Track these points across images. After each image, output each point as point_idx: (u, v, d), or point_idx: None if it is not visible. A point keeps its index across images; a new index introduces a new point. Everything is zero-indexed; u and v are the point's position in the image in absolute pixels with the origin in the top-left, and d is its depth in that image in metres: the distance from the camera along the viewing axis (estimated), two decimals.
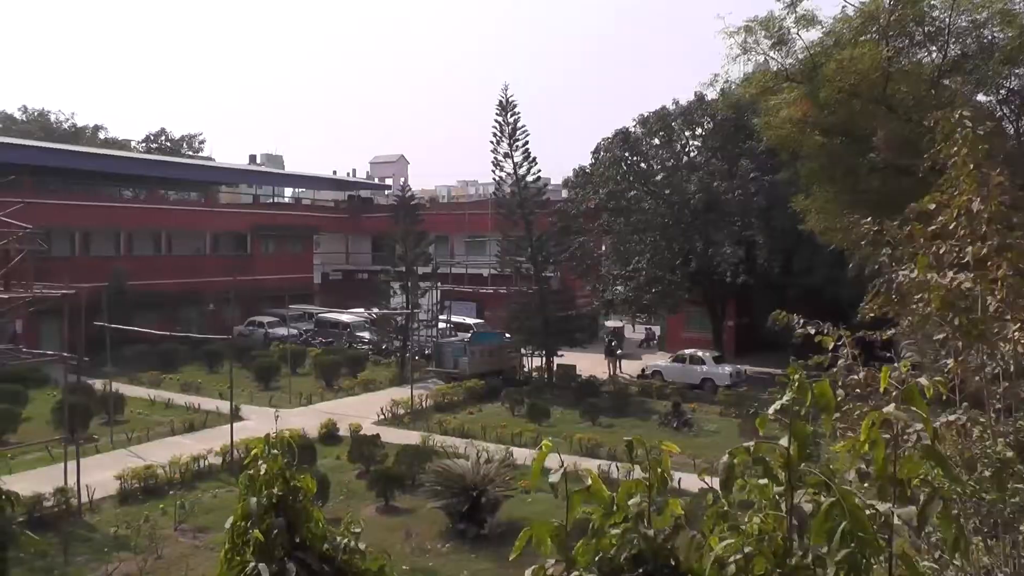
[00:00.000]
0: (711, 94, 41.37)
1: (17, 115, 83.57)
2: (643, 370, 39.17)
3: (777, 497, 3.07)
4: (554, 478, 2.93)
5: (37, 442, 24.86)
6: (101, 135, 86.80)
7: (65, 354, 25.57)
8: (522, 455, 24.07)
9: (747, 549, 2.82)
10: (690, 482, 14.12)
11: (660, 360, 40.45)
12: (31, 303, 29.78)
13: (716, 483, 3.04)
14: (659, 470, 3.00)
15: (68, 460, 20.96)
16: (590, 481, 2.96)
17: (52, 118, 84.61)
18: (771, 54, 28.91)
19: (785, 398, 3.15)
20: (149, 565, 16.77)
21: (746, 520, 3.09)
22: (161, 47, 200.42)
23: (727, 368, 36.97)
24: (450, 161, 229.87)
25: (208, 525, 19.29)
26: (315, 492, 3.72)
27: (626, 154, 42.52)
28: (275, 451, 3.57)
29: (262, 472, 3.49)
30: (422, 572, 16.52)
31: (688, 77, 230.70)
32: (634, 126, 43.32)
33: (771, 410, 3.19)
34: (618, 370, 39.50)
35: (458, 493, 18.91)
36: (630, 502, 2.97)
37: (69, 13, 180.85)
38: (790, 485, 2.99)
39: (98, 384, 30.52)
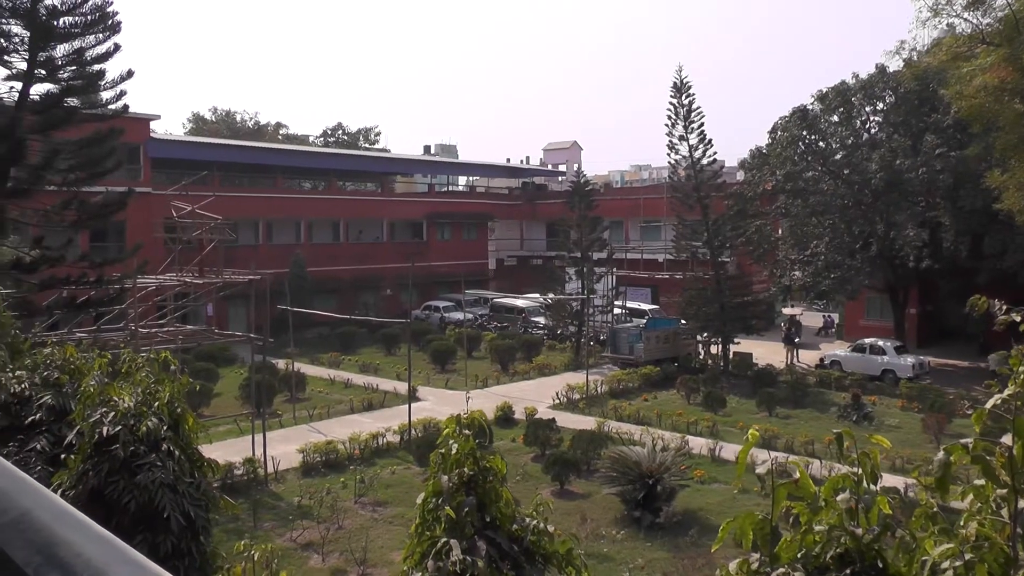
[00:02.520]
0: (894, 65, 39.10)
1: (207, 115, 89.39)
2: (821, 360, 37.68)
3: (999, 500, 2.85)
4: (761, 469, 2.83)
5: (227, 415, 26.68)
6: (282, 131, 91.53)
7: (252, 335, 27.22)
8: (697, 444, 23.77)
9: (967, 556, 2.61)
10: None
11: (838, 349, 38.79)
12: (221, 288, 31.95)
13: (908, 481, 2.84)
14: (868, 466, 2.82)
15: (255, 433, 22.44)
16: (798, 474, 2.82)
17: (238, 117, 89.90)
18: (965, 15, 26.83)
19: (1007, 391, 2.92)
20: (331, 534, 17.63)
21: (961, 524, 2.89)
22: (338, 46, 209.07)
23: (909, 359, 34.93)
24: (623, 146, 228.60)
25: (386, 500, 20.10)
26: (504, 473, 3.76)
27: (804, 133, 40.85)
28: (467, 431, 3.62)
29: (453, 451, 3.56)
30: (597, 557, 16.54)
31: (870, 48, 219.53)
32: (812, 103, 41.57)
33: (989, 404, 2.97)
34: (795, 359, 38.18)
35: (633, 480, 18.83)
36: (838, 498, 2.81)
37: (254, 19, 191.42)
38: (1014, 488, 2.77)
39: (281, 363, 32.32)
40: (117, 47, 25.75)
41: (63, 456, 8.47)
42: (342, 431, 24.94)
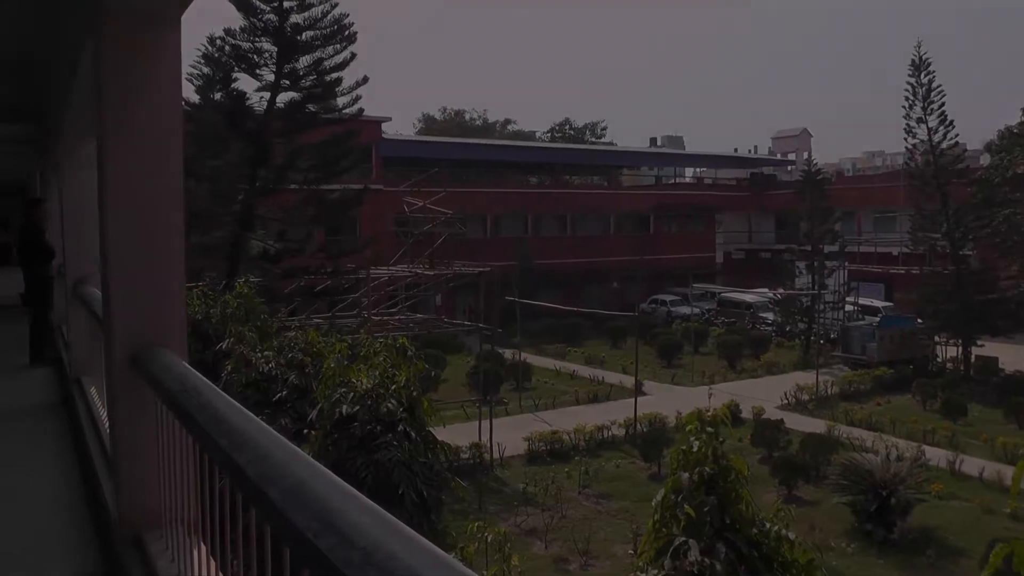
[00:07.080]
0: None
1: (437, 115, 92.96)
2: None
3: None
4: None
5: (454, 401, 27.74)
6: (510, 128, 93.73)
7: (480, 325, 28.15)
8: (935, 455, 22.02)
9: None
10: None
11: None
12: (451, 279, 33.31)
13: None
14: None
15: (481, 419, 23.22)
16: None
17: (466, 116, 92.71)
18: None
19: None
20: (554, 522, 17.87)
21: None
22: (565, 42, 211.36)
23: None
24: (853, 132, 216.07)
25: (610, 492, 20.16)
26: (746, 474, 3.60)
27: None
28: (709, 429, 3.50)
29: (695, 449, 3.44)
30: (825, 570, 15.82)
31: None
32: None
33: None
34: None
35: (865, 491, 17.81)
36: None
37: (484, 22, 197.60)
38: None
39: (507, 353, 33.16)
40: (353, 56, 27.41)
41: (305, 431, 9.18)
42: (567, 422, 25.22)
